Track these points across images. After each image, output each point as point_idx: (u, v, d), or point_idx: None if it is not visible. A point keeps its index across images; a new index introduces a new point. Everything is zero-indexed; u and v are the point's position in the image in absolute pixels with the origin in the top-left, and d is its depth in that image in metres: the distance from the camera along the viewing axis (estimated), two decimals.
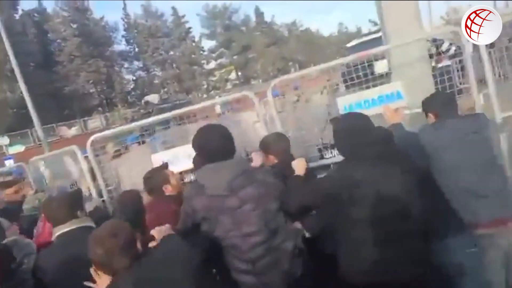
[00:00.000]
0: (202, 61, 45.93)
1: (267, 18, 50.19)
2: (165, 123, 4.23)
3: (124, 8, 41.92)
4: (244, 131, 3.75)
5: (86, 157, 3.35)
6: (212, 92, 42.73)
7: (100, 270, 1.59)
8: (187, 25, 44.64)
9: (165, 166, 2.57)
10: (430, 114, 2.28)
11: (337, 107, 3.02)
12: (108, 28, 39.99)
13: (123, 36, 42.35)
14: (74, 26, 35.83)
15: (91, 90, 37.15)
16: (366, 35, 18.21)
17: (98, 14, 39.90)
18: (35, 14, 36.09)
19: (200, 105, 3.41)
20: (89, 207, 2.71)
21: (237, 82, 46.05)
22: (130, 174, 3.60)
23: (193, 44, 44.94)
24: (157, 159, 3.09)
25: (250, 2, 71.53)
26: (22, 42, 30.40)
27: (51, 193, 2.88)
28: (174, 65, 43.38)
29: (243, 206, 1.84)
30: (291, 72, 43.64)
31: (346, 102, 3.01)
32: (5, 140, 21.02)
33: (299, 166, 2.16)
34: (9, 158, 14.39)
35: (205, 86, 44.82)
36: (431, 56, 4.39)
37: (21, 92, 27.79)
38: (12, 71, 27.33)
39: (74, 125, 29.31)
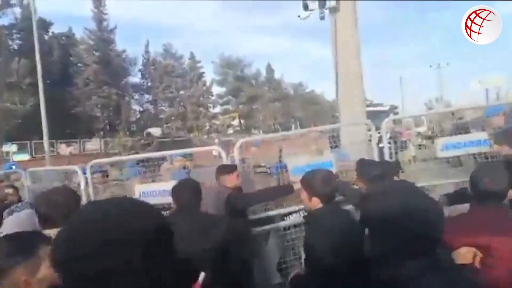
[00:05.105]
0: (209, 104, 48.04)
1: (277, 75, 53.44)
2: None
3: (147, 45, 45.07)
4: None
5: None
6: (213, 134, 44.24)
7: None
8: (201, 70, 47.33)
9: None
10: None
11: None
12: (128, 61, 42.34)
13: (139, 70, 44.80)
14: (97, 54, 38.15)
15: (97, 114, 38.62)
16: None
17: (121, 46, 42.09)
18: (63, 38, 38.65)
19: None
20: None
21: (238, 129, 47.76)
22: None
23: (204, 87, 47.29)
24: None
25: (263, 59, 75.51)
26: (45, 61, 32.33)
27: None
28: (181, 104, 45.35)
29: None
30: (292, 128, 44.99)
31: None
32: (13, 147, 22.02)
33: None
34: (13, 165, 15.17)
35: (207, 128, 46.41)
36: None
37: (31, 105, 29.21)
38: (29, 84, 29.02)
39: (72, 145, 30.44)
